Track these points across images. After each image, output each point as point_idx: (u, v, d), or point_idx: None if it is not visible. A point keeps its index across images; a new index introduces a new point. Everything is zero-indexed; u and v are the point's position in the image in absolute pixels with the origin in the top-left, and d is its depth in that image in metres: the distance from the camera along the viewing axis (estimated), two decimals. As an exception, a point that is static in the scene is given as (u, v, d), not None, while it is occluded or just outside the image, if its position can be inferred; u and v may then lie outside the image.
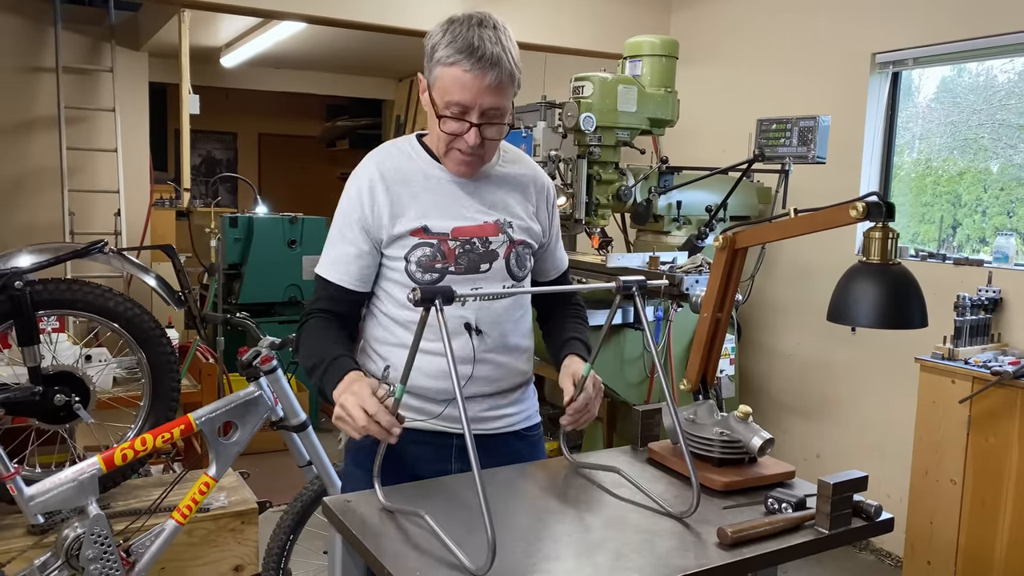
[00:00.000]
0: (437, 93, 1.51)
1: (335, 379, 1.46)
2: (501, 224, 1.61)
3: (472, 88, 1.46)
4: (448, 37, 1.47)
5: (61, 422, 2.40)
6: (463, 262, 1.58)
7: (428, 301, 1.20)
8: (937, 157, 3.73)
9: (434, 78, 1.51)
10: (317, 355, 1.54)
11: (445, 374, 1.57)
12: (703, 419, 1.57)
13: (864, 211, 1.26)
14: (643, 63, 3.56)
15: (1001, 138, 3.47)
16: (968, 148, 3.60)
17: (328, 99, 9.28)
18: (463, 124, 1.50)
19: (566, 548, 1.23)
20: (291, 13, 3.81)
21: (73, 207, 5.40)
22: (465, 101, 1.48)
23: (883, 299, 1.26)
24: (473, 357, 1.58)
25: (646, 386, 3.43)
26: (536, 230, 1.67)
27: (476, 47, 1.45)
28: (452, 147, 1.55)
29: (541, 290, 1.76)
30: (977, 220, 3.64)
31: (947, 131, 3.66)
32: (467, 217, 1.59)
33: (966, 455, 2.87)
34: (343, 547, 1.33)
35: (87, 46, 5.68)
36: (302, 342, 1.60)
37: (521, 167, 1.70)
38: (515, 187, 1.66)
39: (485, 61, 1.45)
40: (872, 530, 1.35)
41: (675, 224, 3.66)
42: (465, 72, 1.45)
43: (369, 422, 1.34)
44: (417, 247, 1.57)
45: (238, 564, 2.50)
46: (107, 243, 2.45)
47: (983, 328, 3.09)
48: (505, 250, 1.61)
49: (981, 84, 3.54)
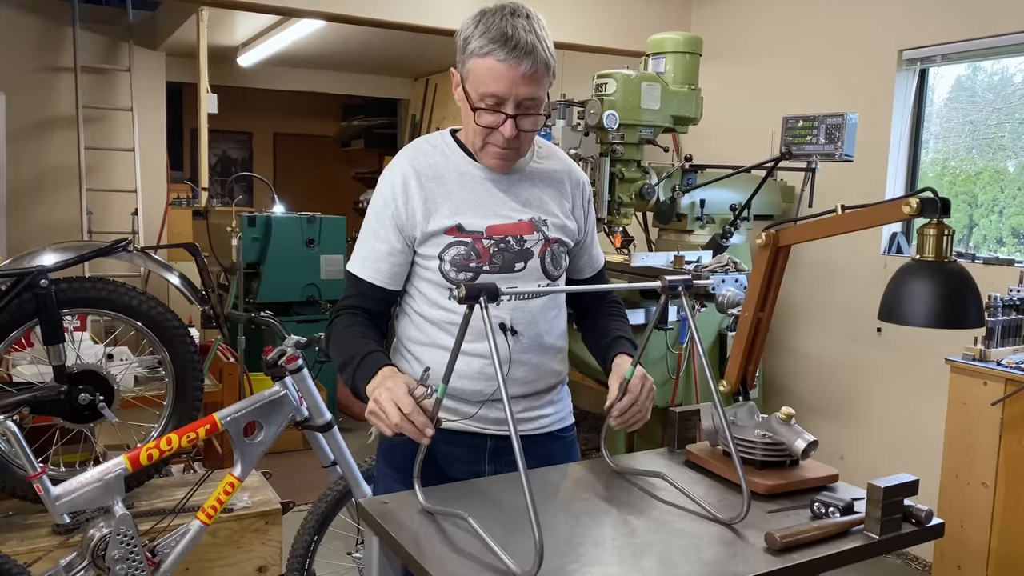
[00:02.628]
0: (471, 85, 1.48)
1: (368, 374, 1.44)
2: (536, 222, 1.59)
3: (507, 78, 1.44)
4: (481, 28, 1.45)
5: (85, 421, 2.39)
6: (498, 261, 1.55)
7: (473, 299, 1.17)
8: (955, 157, 3.68)
9: (467, 70, 1.48)
10: (349, 351, 1.51)
11: (480, 375, 1.55)
12: (744, 421, 1.54)
13: (918, 207, 1.22)
14: (666, 60, 3.53)
15: (1021, 137, 3.42)
16: (987, 148, 3.55)
17: (344, 98, 9.27)
18: (498, 116, 1.48)
19: (610, 552, 1.20)
20: (311, 11, 3.80)
21: (91, 206, 5.41)
22: (500, 92, 1.45)
23: (939, 298, 1.22)
24: (509, 358, 1.55)
25: (670, 387, 3.39)
26: (571, 227, 1.64)
27: (510, 36, 1.42)
28: (488, 141, 1.52)
29: (580, 289, 1.72)
30: (994, 220, 3.59)
31: (966, 130, 3.61)
32: (501, 215, 1.57)
33: (998, 458, 2.82)
34: (380, 550, 1.30)
35: (105, 46, 5.69)
36: (333, 339, 1.58)
37: (556, 163, 1.67)
38: (550, 184, 1.63)
39: (519, 50, 1.42)
40: (923, 535, 1.32)
41: (698, 223, 3.62)
42: (499, 62, 1.43)
43: (403, 420, 1.31)
44: (451, 246, 1.54)
45: (262, 565, 2.48)
46: (132, 241, 2.44)
47: (1015, 329, 3.03)
48: (540, 249, 1.59)
49: (996, 83, 3.48)
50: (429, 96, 7.51)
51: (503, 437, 1.59)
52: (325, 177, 10.01)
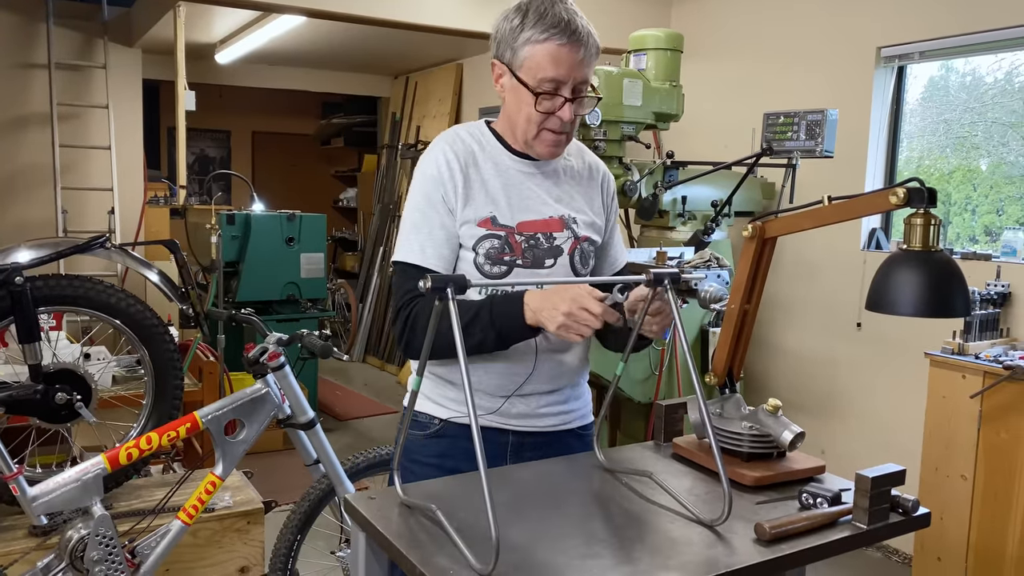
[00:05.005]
0: (527, 72, 1.49)
1: (517, 306, 1.41)
2: (566, 220, 1.60)
3: (567, 62, 1.47)
4: (533, 16, 1.47)
5: (62, 421, 2.34)
6: (529, 256, 1.56)
7: (440, 289, 1.15)
8: (929, 155, 3.72)
9: (522, 58, 1.49)
10: (466, 313, 1.45)
11: (505, 370, 1.56)
12: (730, 413, 1.54)
13: (905, 197, 1.23)
14: (648, 57, 3.53)
15: (993, 136, 3.46)
16: (960, 146, 3.59)
17: (323, 96, 9.20)
18: (556, 100, 1.49)
19: (600, 545, 1.19)
20: (291, 7, 3.76)
21: (66, 205, 5.32)
22: (560, 76, 1.47)
23: (926, 287, 1.23)
24: (536, 354, 1.56)
25: (652, 383, 3.40)
26: (600, 224, 1.66)
27: (568, 21, 1.46)
28: (544, 127, 1.52)
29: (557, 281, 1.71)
30: (967, 219, 3.63)
31: (940, 129, 3.65)
32: (534, 210, 1.57)
33: (977, 450, 2.85)
34: (367, 545, 1.29)
35: (80, 42, 5.60)
36: (421, 322, 1.48)
37: (583, 159, 1.69)
38: (579, 180, 1.65)
39: (578, 35, 1.47)
40: (909, 525, 1.32)
41: (680, 219, 3.63)
42: (560, 46, 1.46)
43: (605, 311, 1.32)
44: (485, 239, 1.54)
45: (244, 565, 2.45)
46: (110, 238, 2.39)
47: (992, 323, 3.07)
48: (570, 246, 1.60)
49: (969, 83, 3.53)
50: (409, 94, 7.47)
51: (525, 433, 1.61)
52: (304, 176, 9.93)
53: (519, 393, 1.58)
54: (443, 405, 1.62)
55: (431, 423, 1.62)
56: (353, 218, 9.38)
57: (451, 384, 1.61)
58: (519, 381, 1.58)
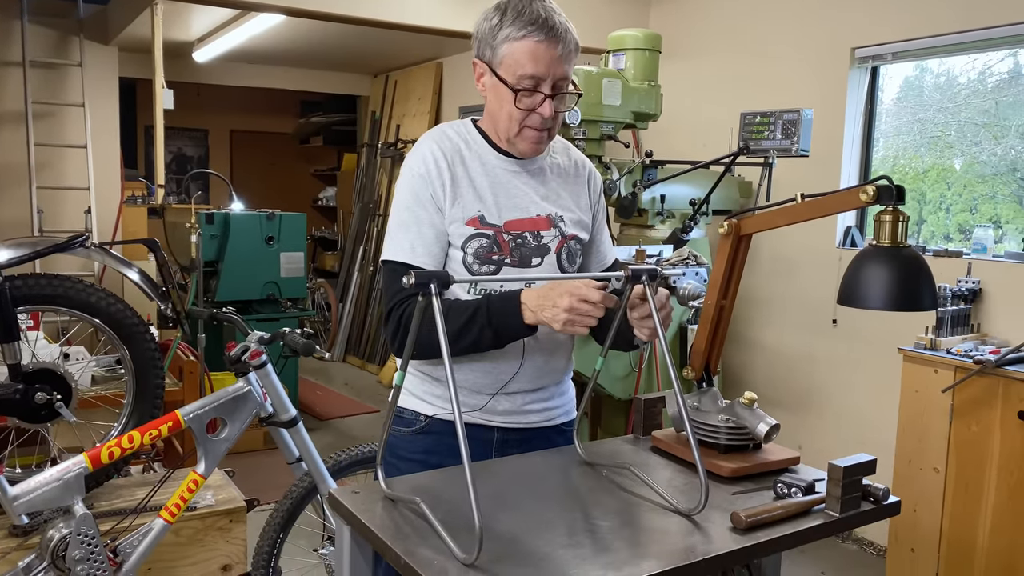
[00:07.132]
0: (507, 70, 1.51)
1: (515, 306, 1.42)
2: (553, 218, 1.61)
3: (545, 59, 1.49)
4: (511, 14, 1.49)
5: (42, 421, 2.33)
6: (516, 255, 1.58)
7: (423, 285, 1.17)
8: (904, 155, 3.79)
9: (501, 56, 1.51)
10: (463, 312, 1.46)
11: (491, 368, 1.58)
12: (707, 407, 1.57)
13: (875, 194, 1.26)
14: (627, 57, 3.56)
15: (966, 135, 3.53)
16: (934, 146, 3.66)
17: (302, 95, 9.16)
18: (536, 97, 1.51)
19: (579, 535, 1.22)
20: (271, 5, 3.76)
21: (41, 204, 5.27)
22: (539, 72, 1.49)
23: (894, 282, 1.27)
24: (522, 354, 1.58)
25: (632, 380, 3.44)
26: (587, 222, 1.68)
27: (545, 18, 1.48)
28: (525, 124, 1.54)
29: (543, 277, 1.74)
30: (941, 217, 3.70)
31: (914, 129, 3.72)
32: (521, 208, 1.59)
33: (949, 443, 2.92)
34: (351, 539, 1.30)
35: (55, 40, 5.55)
36: (408, 323, 1.46)
37: (569, 156, 1.71)
38: (566, 178, 1.67)
39: (556, 31, 1.49)
40: (880, 513, 1.36)
41: (659, 218, 3.67)
42: (538, 43, 1.48)
43: (604, 298, 1.33)
44: (473, 238, 1.55)
45: (226, 563, 2.45)
46: (89, 236, 2.39)
47: (963, 318, 3.14)
48: (557, 245, 1.61)
49: (943, 83, 3.60)
50: (389, 93, 7.46)
51: (510, 429, 1.63)
52: (283, 174, 9.89)
53: (504, 391, 1.60)
54: (428, 402, 1.63)
55: (417, 420, 1.64)
56: (333, 217, 9.35)
57: (437, 381, 1.62)
58: (505, 379, 1.60)
